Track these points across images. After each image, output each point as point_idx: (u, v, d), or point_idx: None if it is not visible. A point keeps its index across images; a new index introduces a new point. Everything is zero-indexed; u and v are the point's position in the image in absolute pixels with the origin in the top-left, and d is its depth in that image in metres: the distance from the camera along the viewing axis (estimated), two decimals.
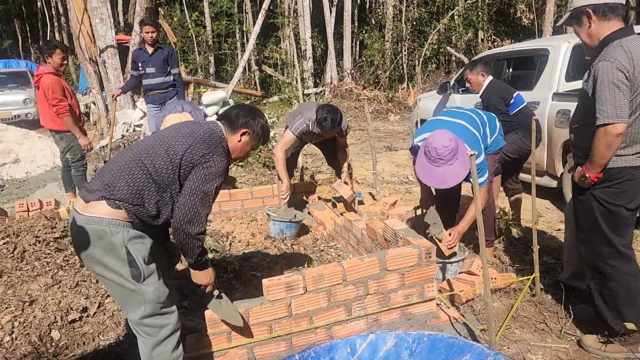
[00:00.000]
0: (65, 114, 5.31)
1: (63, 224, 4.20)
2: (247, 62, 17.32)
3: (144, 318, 2.31)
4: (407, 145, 9.83)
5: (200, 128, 2.51)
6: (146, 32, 6.48)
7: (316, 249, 4.32)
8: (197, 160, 2.37)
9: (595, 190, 2.66)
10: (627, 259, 2.69)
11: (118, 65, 8.25)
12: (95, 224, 2.24)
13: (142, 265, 2.28)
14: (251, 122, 2.63)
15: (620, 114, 2.41)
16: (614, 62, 2.40)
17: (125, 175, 2.31)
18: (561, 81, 5.54)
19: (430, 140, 3.33)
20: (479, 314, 3.23)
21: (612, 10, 2.52)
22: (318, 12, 21.62)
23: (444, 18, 17.19)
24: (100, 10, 7.92)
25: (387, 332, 1.59)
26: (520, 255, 4.11)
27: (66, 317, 3.05)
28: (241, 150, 2.66)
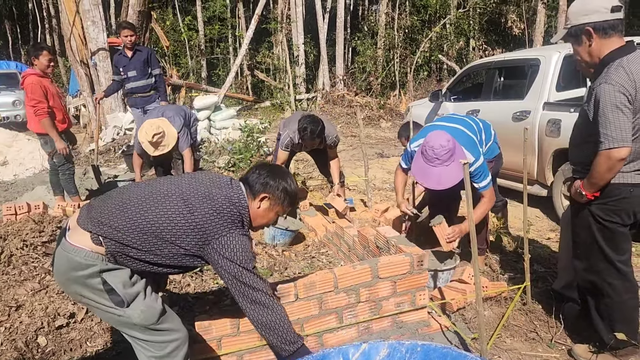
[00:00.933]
0: (43, 115, 5.22)
1: (51, 227, 4.15)
2: (239, 66, 17.30)
3: (143, 334, 2.24)
4: (398, 152, 9.85)
5: (219, 191, 2.27)
6: (124, 36, 6.49)
7: (307, 256, 4.31)
8: (210, 234, 2.18)
9: (591, 206, 2.64)
10: (624, 276, 2.67)
11: (109, 68, 8.20)
12: (72, 253, 2.13)
13: (122, 292, 2.16)
14: (271, 185, 2.36)
15: (624, 137, 2.37)
16: (616, 85, 2.36)
17: (122, 214, 2.16)
18: (552, 91, 5.58)
19: (428, 140, 3.35)
20: (470, 323, 3.23)
21: (613, 27, 2.48)
22: (311, 18, 21.67)
23: (436, 26, 17.28)
24: (92, 13, 7.88)
25: (381, 341, 1.57)
26: (511, 264, 4.12)
27: (53, 322, 3.01)
28: (262, 217, 2.40)
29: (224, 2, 22.91)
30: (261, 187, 2.35)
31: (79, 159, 7.99)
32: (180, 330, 2.33)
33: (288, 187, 2.40)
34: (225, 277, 2.21)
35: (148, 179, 2.46)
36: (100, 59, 8.19)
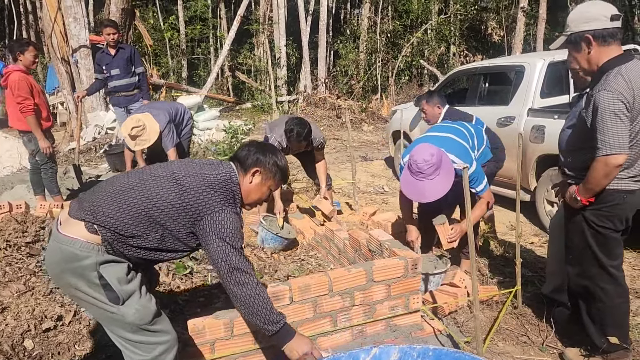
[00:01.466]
0: (29, 112, 5.10)
1: (35, 228, 4.05)
2: (220, 67, 17.19)
3: (133, 334, 2.19)
4: (382, 156, 9.89)
5: (209, 169, 2.29)
6: (107, 34, 6.40)
7: (296, 258, 4.29)
8: (203, 210, 2.17)
9: (585, 212, 2.67)
10: (615, 280, 2.71)
11: (91, 66, 8.05)
12: (66, 244, 2.09)
13: (117, 288, 2.12)
14: (261, 159, 2.39)
15: (622, 144, 2.39)
16: (615, 92, 2.38)
17: (116, 204, 2.14)
18: (536, 97, 5.65)
19: (413, 154, 3.37)
20: (462, 326, 3.25)
21: (612, 35, 2.50)
22: (293, 21, 21.66)
23: (418, 31, 17.42)
24: (74, 9, 7.74)
25: (391, 345, 1.56)
26: (499, 268, 4.16)
27: (40, 325, 2.93)
28: (255, 192, 2.42)
29: (206, 2, 22.76)
30: (252, 162, 2.37)
31: (59, 158, 7.82)
32: (170, 333, 2.30)
33: (279, 161, 2.44)
34: (213, 255, 2.19)
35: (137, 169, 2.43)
36: (81, 57, 8.04)
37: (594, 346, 2.79)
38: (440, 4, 18.84)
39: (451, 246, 3.62)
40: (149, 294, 2.28)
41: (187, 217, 2.18)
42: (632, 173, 2.56)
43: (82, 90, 6.94)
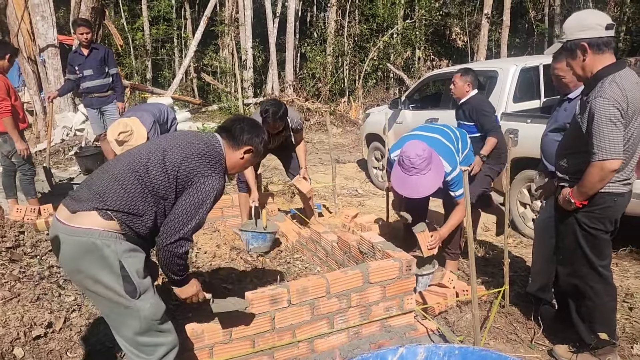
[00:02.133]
0: (7, 114, 4.96)
1: (13, 232, 3.92)
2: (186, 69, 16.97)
3: (139, 336, 2.19)
4: (354, 158, 9.97)
5: (199, 139, 2.39)
6: (80, 34, 6.26)
7: (282, 261, 4.28)
8: (194, 177, 2.26)
9: (578, 214, 2.76)
10: (605, 279, 2.82)
11: (59, 66, 7.84)
12: (84, 236, 2.10)
13: (136, 280, 2.16)
14: (255, 140, 2.52)
15: (617, 150, 2.48)
16: (610, 99, 2.46)
17: (119, 185, 2.19)
18: (509, 102, 5.80)
19: (405, 150, 3.42)
20: (453, 325, 3.31)
21: (606, 44, 2.58)
22: (259, 23, 21.58)
23: (384, 36, 17.63)
24: (42, 8, 7.51)
25: (418, 345, 1.59)
26: (481, 268, 4.25)
27: (30, 333, 2.84)
28: (241, 166, 2.57)
29: (170, 2, 22.44)
30: (246, 140, 2.49)
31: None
32: (173, 333, 2.33)
33: (265, 142, 2.62)
34: (178, 212, 2.23)
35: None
36: (49, 56, 7.81)
37: (583, 343, 2.89)
38: (406, 9, 19.11)
39: (431, 253, 3.70)
40: (157, 294, 2.31)
41: (180, 183, 2.26)
42: (622, 177, 2.66)
43: (53, 91, 6.72)
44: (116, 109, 6.46)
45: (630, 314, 3.49)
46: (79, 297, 3.27)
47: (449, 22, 19.44)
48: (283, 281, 3.73)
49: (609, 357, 2.86)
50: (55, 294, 3.24)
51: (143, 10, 20.63)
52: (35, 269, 3.50)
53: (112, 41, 11.51)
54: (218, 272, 3.88)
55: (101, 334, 2.97)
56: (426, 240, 3.63)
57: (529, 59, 6.66)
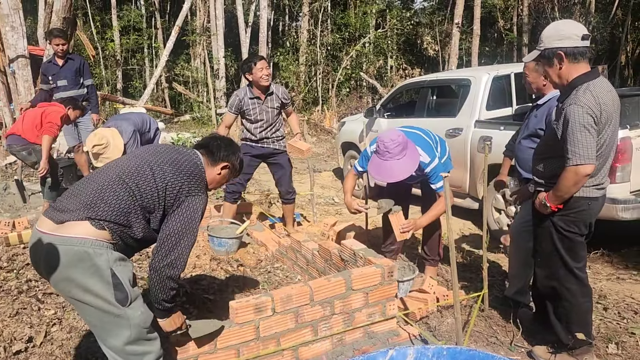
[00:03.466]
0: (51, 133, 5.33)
1: None
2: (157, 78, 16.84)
3: (128, 345, 2.18)
4: (329, 167, 10.02)
5: (183, 157, 2.43)
6: (56, 45, 6.19)
7: (263, 271, 4.28)
8: (182, 196, 2.31)
9: (554, 217, 2.84)
10: (580, 281, 2.90)
11: (29, 77, 7.70)
12: (77, 245, 2.10)
13: (128, 288, 2.17)
14: (232, 157, 2.61)
15: (590, 155, 2.57)
16: (584, 107, 2.54)
17: (109, 195, 2.21)
18: (482, 109, 5.93)
19: (380, 136, 3.57)
20: (435, 330, 3.36)
21: (582, 54, 2.69)
22: (230, 32, 21.56)
23: (357, 45, 17.81)
24: (11, 18, 7.37)
25: (407, 347, 1.62)
26: (459, 273, 4.28)
27: (10, 348, 2.79)
28: (218, 182, 2.63)
29: (140, 11, 22.25)
30: (223, 156, 2.57)
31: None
32: (158, 342, 2.34)
33: (242, 160, 2.71)
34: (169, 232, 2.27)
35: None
36: (19, 67, 7.66)
37: (560, 343, 2.97)
38: (378, 19, 19.35)
39: (404, 237, 3.77)
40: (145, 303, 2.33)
41: (169, 200, 2.30)
42: (596, 181, 2.76)
43: (25, 102, 6.60)
44: (90, 120, 6.38)
45: (604, 315, 3.59)
46: (59, 310, 3.22)
47: (420, 31, 19.77)
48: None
49: (585, 357, 2.93)
50: (34, 308, 3.18)
51: (113, 20, 20.40)
52: (12, 283, 3.43)
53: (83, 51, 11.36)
54: (199, 282, 3.86)
55: (83, 347, 2.93)
56: (399, 222, 3.71)
57: (501, 67, 6.82)
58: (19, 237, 4.30)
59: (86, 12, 20.38)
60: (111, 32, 19.93)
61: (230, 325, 2.75)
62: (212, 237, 4.52)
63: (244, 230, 4.63)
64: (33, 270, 3.60)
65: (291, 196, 5.21)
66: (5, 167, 7.58)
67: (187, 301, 3.52)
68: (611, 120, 2.65)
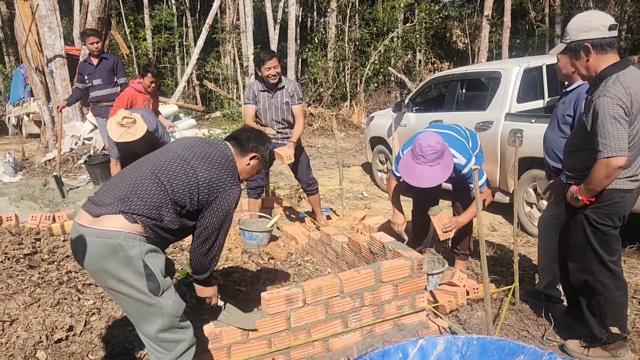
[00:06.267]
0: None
1: (30, 239, 4.00)
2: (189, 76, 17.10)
3: (162, 332, 2.29)
4: (358, 162, 10.03)
5: (214, 150, 2.52)
6: (90, 43, 6.37)
7: (293, 264, 4.34)
8: (216, 189, 2.40)
9: (586, 210, 2.81)
10: (615, 275, 2.86)
11: (67, 76, 7.94)
12: (111, 237, 2.20)
13: (160, 278, 2.27)
14: (261, 147, 2.68)
15: (622, 147, 2.53)
16: (614, 98, 2.51)
17: (142, 190, 2.30)
18: (513, 102, 5.86)
19: (419, 138, 3.53)
20: (465, 323, 3.37)
21: (610, 44, 2.63)
22: (260, 29, 21.71)
23: (385, 39, 17.72)
24: (49, 19, 7.62)
25: (436, 336, 1.65)
26: (490, 267, 4.27)
27: (52, 336, 2.91)
28: (248, 173, 2.70)
29: (171, 10, 22.58)
30: (253, 147, 2.64)
31: (35, 169, 7.67)
32: (191, 331, 2.43)
33: (271, 151, 2.77)
34: (207, 227, 2.42)
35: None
36: (57, 66, 7.91)
37: (594, 337, 2.94)
38: (406, 13, 19.21)
39: (447, 236, 3.78)
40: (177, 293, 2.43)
41: (202, 195, 2.38)
42: (629, 173, 2.71)
43: (62, 101, 6.82)
44: None
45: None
46: (97, 301, 3.35)
47: (449, 24, 19.56)
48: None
49: (620, 351, 2.90)
50: (74, 298, 3.31)
51: (145, 19, 20.76)
52: (53, 274, 3.57)
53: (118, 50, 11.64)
54: (231, 274, 3.94)
55: (121, 336, 3.04)
56: (441, 222, 3.72)
57: (532, 59, 6.72)
58: (62, 228, 4.47)
59: (120, 12, 20.79)
60: (144, 32, 20.29)
61: (262, 315, 2.82)
62: (243, 231, 4.61)
63: (274, 224, 4.73)
64: (73, 262, 3.75)
65: (313, 187, 5.25)
66: (44, 164, 7.83)
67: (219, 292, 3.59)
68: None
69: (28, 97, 12.45)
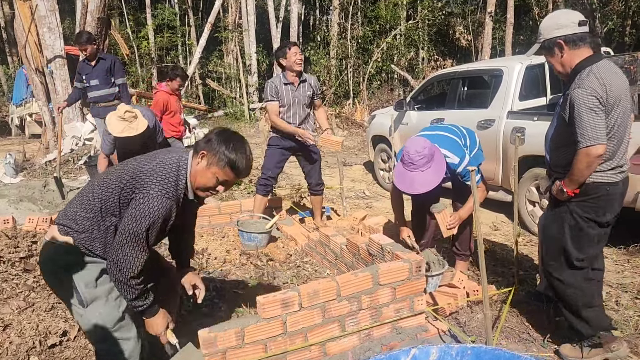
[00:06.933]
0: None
1: (26, 242, 3.97)
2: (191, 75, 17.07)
3: (97, 343, 2.31)
4: (360, 161, 9.98)
5: (163, 156, 2.32)
6: (82, 50, 6.35)
7: (292, 265, 4.31)
8: (140, 183, 2.19)
9: (571, 203, 2.83)
10: (580, 270, 2.88)
11: (67, 77, 7.92)
12: (46, 248, 2.24)
13: (82, 291, 2.22)
14: (213, 144, 2.29)
15: (599, 135, 2.57)
16: (588, 89, 2.58)
17: (77, 202, 2.26)
18: (515, 100, 5.80)
19: (406, 145, 3.51)
20: (465, 326, 3.32)
21: (581, 39, 2.72)
22: (262, 28, 21.67)
23: (387, 37, 17.65)
24: (48, 19, 7.60)
25: (430, 345, 1.61)
26: (490, 268, 4.24)
27: (45, 341, 2.88)
28: (201, 176, 2.31)
29: (173, 10, 22.56)
30: (203, 144, 2.32)
31: (35, 170, 7.66)
32: (130, 344, 2.34)
33: (231, 152, 2.28)
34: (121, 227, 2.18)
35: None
36: (56, 67, 7.89)
37: (581, 335, 2.90)
38: (409, 10, 19.12)
39: (451, 233, 3.76)
40: (118, 300, 2.32)
41: (126, 191, 2.21)
42: (613, 164, 2.74)
43: (62, 102, 6.78)
44: None
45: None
46: None
47: (452, 21, 19.45)
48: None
49: (613, 345, 2.86)
50: None
51: (148, 18, 20.75)
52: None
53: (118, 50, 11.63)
54: (229, 277, 3.90)
55: None
56: (445, 219, 3.69)
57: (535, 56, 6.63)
58: None
59: (122, 12, 20.79)
60: (146, 31, 20.27)
61: (257, 320, 2.78)
62: (241, 232, 4.57)
63: (273, 224, 4.69)
64: None
65: (320, 187, 5.23)
66: (45, 165, 7.81)
67: (216, 295, 3.57)
68: (619, 101, 2.65)
69: (30, 97, 12.45)
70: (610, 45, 13.98)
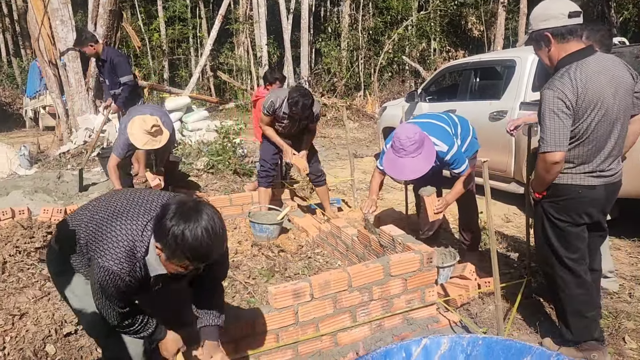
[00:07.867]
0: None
1: (41, 233, 4.02)
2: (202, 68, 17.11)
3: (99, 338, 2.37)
4: (371, 152, 9.97)
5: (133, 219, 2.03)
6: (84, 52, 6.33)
7: (303, 256, 4.32)
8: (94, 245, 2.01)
9: (544, 204, 2.73)
10: (573, 272, 2.72)
11: (79, 69, 7.95)
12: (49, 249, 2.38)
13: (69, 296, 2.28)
14: (167, 236, 1.80)
15: (558, 142, 2.43)
16: (556, 91, 2.40)
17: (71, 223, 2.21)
18: (528, 91, 5.74)
19: (396, 131, 3.52)
20: (476, 317, 3.32)
21: (571, 32, 2.50)
22: (273, 19, 21.64)
23: (399, 28, 17.55)
24: (61, 12, 7.62)
25: (441, 335, 1.62)
26: (502, 259, 4.24)
27: (61, 330, 2.92)
28: (167, 267, 1.96)
29: (185, 2, 22.60)
30: (157, 230, 1.87)
31: (49, 162, 7.72)
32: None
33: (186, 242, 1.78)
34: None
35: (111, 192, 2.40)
36: (69, 59, 7.93)
37: (563, 338, 2.85)
38: (420, 0, 19.00)
39: (437, 217, 3.77)
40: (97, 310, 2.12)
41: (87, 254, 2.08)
42: (588, 169, 2.58)
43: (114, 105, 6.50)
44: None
45: None
46: None
47: (465, 12, 19.28)
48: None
49: (594, 354, 2.75)
50: None
51: (159, 11, 20.81)
52: None
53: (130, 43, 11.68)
54: (240, 268, 3.93)
55: None
56: (433, 204, 3.72)
57: None
58: None
59: (133, 4, 20.87)
60: (157, 23, 20.35)
61: (269, 310, 2.80)
62: (253, 223, 4.59)
63: (285, 216, 4.70)
64: None
65: (321, 178, 5.21)
66: (59, 156, 7.87)
67: (228, 285, 3.60)
68: (598, 103, 2.45)
69: (44, 90, 12.54)
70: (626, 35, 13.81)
